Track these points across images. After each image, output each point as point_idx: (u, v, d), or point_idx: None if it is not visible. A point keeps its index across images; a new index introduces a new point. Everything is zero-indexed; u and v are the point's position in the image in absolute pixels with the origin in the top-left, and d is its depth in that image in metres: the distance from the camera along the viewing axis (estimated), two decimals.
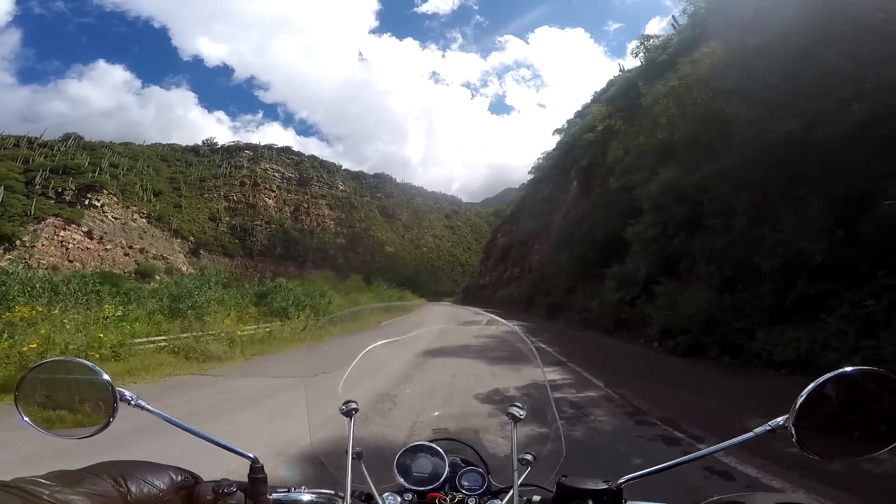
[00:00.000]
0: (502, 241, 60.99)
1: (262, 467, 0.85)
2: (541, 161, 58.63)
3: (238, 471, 0.90)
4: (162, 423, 0.84)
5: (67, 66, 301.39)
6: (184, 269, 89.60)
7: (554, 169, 49.20)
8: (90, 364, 0.80)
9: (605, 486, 0.85)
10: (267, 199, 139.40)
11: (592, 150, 38.02)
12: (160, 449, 2.70)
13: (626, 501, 0.86)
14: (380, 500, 0.95)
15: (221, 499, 0.80)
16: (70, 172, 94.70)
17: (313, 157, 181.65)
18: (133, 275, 63.86)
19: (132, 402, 0.78)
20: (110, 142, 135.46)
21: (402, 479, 1.06)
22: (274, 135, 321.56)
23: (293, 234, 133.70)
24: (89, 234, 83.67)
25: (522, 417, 1.06)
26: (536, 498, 0.98)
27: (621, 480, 0.85)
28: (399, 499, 1.00)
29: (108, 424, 0.78)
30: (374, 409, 4.35)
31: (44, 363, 0.82)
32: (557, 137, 52.70)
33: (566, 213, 38.46)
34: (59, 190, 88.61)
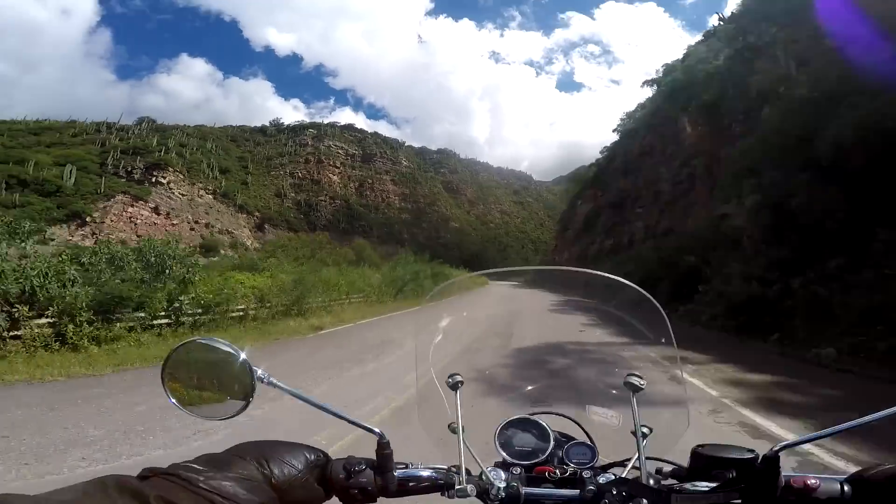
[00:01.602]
0: (585, 210, 51.85)
1: (389, 443, 0.85)
2: (625, 118, 50.06)
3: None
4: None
5: (156, 62, 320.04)
6: (248, 243, 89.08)
7: (654, 117, 40.26)
8: (228, 343, 0.80)
9: (751, 455, 0.78)
10: (331, 175, 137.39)
11: (718, 83, 29.43)
12: None
13: (780, 469, 0.77)
14: (490, 477, 0.91)
15: (353, 477, 0.81)
16: (139, 153, 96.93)
17: (376, 134, 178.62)
18: (198, 248, 62.31)
19: (265, 381, 0.79)
20: (184, 125, 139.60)
21: (503, 454, 1.01)
22: (346, 119, 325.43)
23: (358, 209, 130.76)
24: (156, 210, 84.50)
25: (644, 387, 0.98)
26: (667, 468, 0.91)
27: (777, 447, 0.76)
28: (503, 474, 0.93)
29: (248, 404, 0.79)
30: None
31: (185, 343, 0.82)
32: (647, 91, 45.06)
33: (686, 160, 29.83)
34: (129, 169, 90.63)
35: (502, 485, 0.88)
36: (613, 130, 52.96)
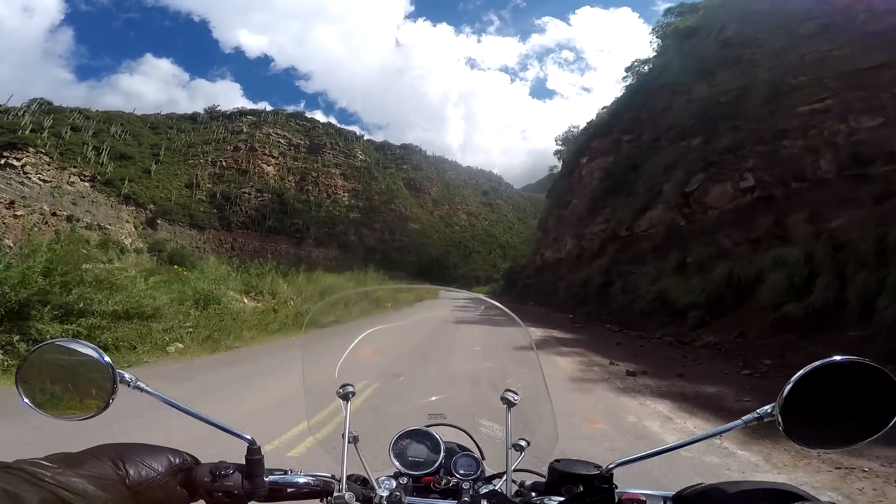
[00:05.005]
0: (598, 167, 33.04)
1: (259, 449, 0.85)
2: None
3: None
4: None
5: (118, 62, 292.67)
6: (127, 242, 66.90)
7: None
8: (91, 346, 0.78)
9: (596, 471, 0.86)
10: (265, 166, 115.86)
11: None
12: None
13: (616, 486, 0.85)
14: (375, 484, 0.94)
15: (218, 480, 0.80)
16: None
17: (329, 125, 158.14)
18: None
19: (132, 385, 0.79)
20: (96, 110, 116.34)
21: (397, 464, 1.06)
22: None
23: (295, 206, 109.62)
24: None
25: (517, 403, 1.04)
26: (529, 482, 0.99)
27: (612, 465, 0.84)
28: (394, 483, 0.97)
29: (107, 406, 0.78)
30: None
31: (45, 344, 0.80)
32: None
33: None
34: None
35: (385, 493, 0.90)
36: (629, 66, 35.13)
